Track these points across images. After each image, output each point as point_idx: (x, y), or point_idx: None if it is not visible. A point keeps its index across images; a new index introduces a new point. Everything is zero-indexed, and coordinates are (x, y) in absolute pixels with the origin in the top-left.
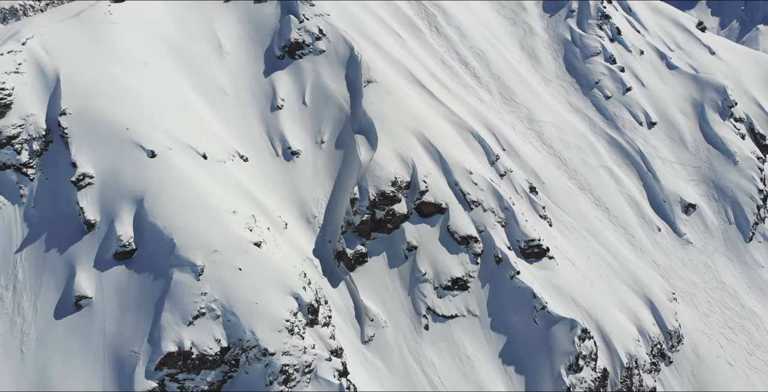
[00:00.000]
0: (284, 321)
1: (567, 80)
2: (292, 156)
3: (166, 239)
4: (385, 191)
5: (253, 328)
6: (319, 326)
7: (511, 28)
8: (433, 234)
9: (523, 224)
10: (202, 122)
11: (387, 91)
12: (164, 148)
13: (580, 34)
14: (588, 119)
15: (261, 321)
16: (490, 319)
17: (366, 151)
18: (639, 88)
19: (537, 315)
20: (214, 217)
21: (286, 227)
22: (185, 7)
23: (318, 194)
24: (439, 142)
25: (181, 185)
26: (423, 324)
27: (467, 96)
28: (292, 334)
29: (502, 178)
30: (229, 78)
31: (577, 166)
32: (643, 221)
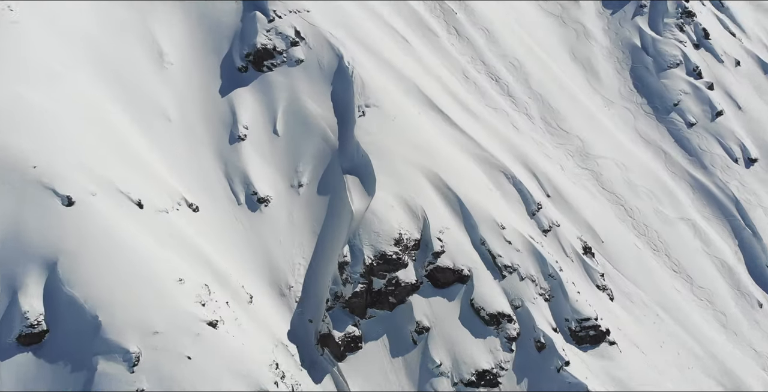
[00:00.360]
0: None
1: (635, 101)
2: (260, 204)
3: (88, 316)
4: (385, 252)
5: None
6: None
7: (559, 30)
8: (451, 311)
9: (575, 298)
10: (137, 157)
11: (388, 115)
12: (85, 193)
13: (653, 37)
14: (663, 155)
15: None
16: None
17: (360, 197)
18: (734, 112)
19: None
20: (154, 287)
21: (252, 302)
22: (114, 4)
23: (295, 257)
24: (459, 185)
25: (109, 243)
26: None
27: (498, 122)
28: None
29: (546, 235)
30: (173, 98)
31: (648, 218)
32: (739, 294)
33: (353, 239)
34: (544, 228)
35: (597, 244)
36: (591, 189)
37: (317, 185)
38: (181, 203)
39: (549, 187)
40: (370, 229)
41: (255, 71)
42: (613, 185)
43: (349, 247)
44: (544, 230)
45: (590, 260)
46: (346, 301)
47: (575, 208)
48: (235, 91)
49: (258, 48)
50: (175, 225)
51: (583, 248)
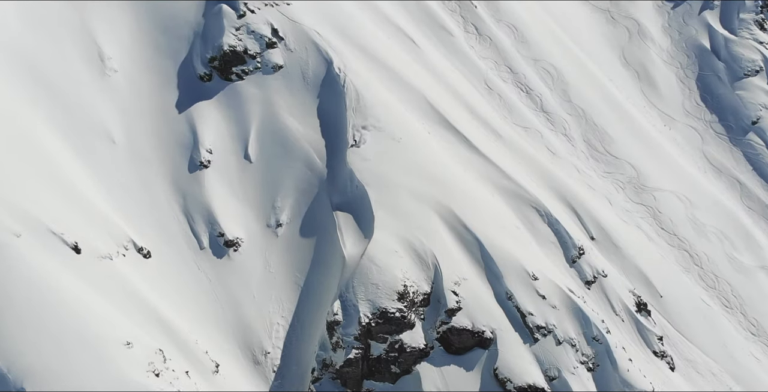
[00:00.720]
0: None
1: (703, 119)
2: (227, 249)
3: (12, 389)
4: (386, 308)
5: None
6: None
7: (607, 28)
8: (470, 383)
9: (625, 367)
10: (72, 190)
11: (391, 136)
12: (8, 234)
13: (726, 38)
14: (738, 186)
15: None
16: None
17: (354, 240)
18: None
19: None
20: (95, 352)
21: (218, 371)
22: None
23: (272, 315)
24: (479, 224)
25: (37, 296)
26: None
27: (529, 145)
28: None
29: (590, 287)
30: (117, 114)
31: (719, 267)
32: None
33: (345, 293)
34: (587, 279)
35: (654, 299)
36: (647, 230)
37: (300, 224)
38: (128, 247)
39: (593, 227)
40: (367, 280)
41: (221, 80)
42: (674, 225)
43: (341, 302)
44: (588, 281)
45: (645, 319)
46: (337, 370)
47: (627, 254)
48: (196, 106)
49: (225, 51)
50: (121, 275)
51: (636, 305)
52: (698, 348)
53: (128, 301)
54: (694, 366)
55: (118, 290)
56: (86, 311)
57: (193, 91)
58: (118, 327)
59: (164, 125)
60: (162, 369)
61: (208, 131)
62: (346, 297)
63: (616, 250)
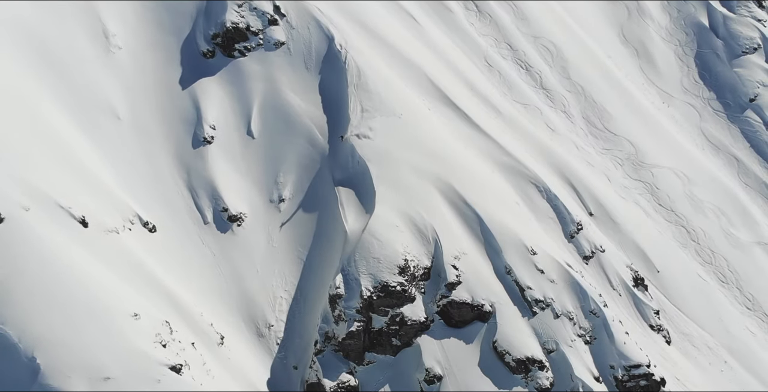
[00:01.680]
0: None
1: (701, 96)
2: (231, 224)
3: (23, 358)
4: (387, 282)
5: None
6: None
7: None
8: (469, 355)
9: (622, 340)
10: (79, 165)
11: (392, 112)
12: (17, 207)
13: (724, 15)
14: (736, 163)
15: None
16: None
17: (356, 215)
18: None
19: None
20: (103, 323)
21: (223, 343)
22: None
23: (275, 289)
24: (479, 200)
25: (47, 269)
26: None
27: (529, 122)
28: None
29: (588, 262)
30: (122, 90)
31: (715, 243)
32: None
33: (347, 267)
34: (585, 254)
35: (651, 274)
36: (644, 206)
37: (302, 199)
38: (134, 221)
39: (592, 203)
40: (369, 254)
41: (224, 57)
42: (672, 201)
43: (343, 276)
44: (585, 256)
45: (642, 294)
46: (340, 343)
47: (624, 229)
48: (199, 82)
49: (227, 27)
50: (128, 248)
51: (633, 280)
52: (694, 322)
53: (134, 274)
54: (690, 340)
55: (125, 263)
56: (94, 283)
57: (196, 67)
58: (125, 299)
59: (168, 101)
60: (169, 341)
61: (212, 107)
62: (348, 271)
63: (614, 226)
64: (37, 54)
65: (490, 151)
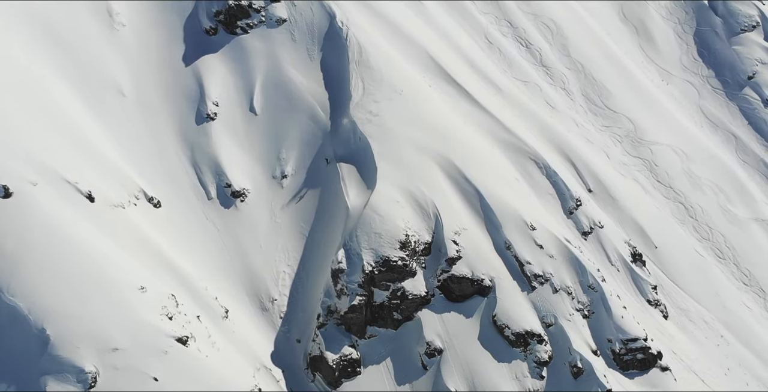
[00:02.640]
0: None
1: (700, 74)
2: (234, 199)
3: (33, 329)
4: (389, 257)
5: None
6: None
7: None
8: (469, 329)
9: (620, 314)
10: (85, 141)
11: (393, 89)
12: (24, 182)
13: None
14: (734, 140)
15: None
16: None
17: (357, 191)
18: None
19: None
20: (111, 296)
21: (227, 317)
22: None
23: (278, 263)
24: (479, 176)
25: (55, 242)
26: None
27: (529, 99)
28: None
29: (587, 238)
30: (126, 67)
31: (713, 219)
32: None
33: (349, 242)
34: (583, 230)
35: (649, 250)
36: (643, 182)
37: (305, 175)
38: (139, 196)
39: (591, 179)
40: (370, 229)
41: (226, 34)
42: (670, 178)
43: (345, 251)
44: (584, 232)
45: (640, 269)
46: (342, 317)
47: (623, 206)
48: (202, 59)
49: (230, 4)
50: (133, 223)
51: (631, 255)
52: (691, 297)
53: (140, 248)
54: (687, 315)
55: (131, 237)
56: (101, 256)
57: (199, 44)
58: (132, 273)
59: (171, 78)
60: (175, 313)
61: (214, 84)
62: (350, 246)
63: (613, 202)
64: (43, 32)
65: (490, 127)
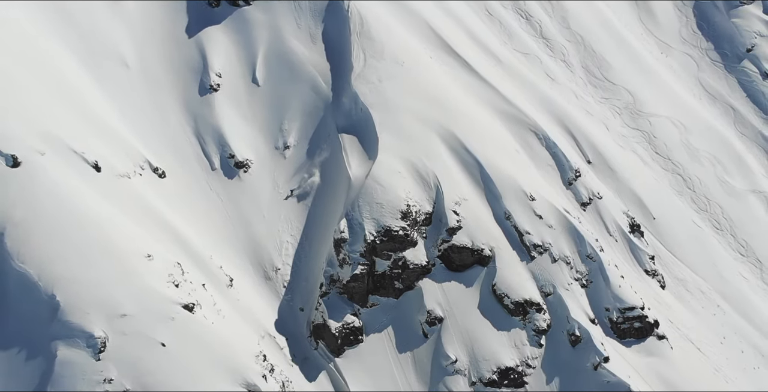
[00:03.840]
0: None
1: (698, 46)
2: (238, 170)
3: (43, 295)
4: (390, 227)
5: None
6: None
7: None
8: (469, 298)
9: (617, 283)
10: (90, 112)
11: (394, 60)
12: (33, 152)
13: None
14: (732, 112)
15: None
16: None
17: (359, 161)
18: None
19: None
20: (119, 263)
21: (232, 285)
22: None
23: (281, 233)
24: (480, 147)
25: (63, 211)
26: None
27: (529, 71)
28: None
29: (585, 208)
30: (130, 39)
31: (711, 190)
32: None
33: (351, 212)
34: (582, 201)
35: (647, 221)
36: (642, 154)
37: (307, 146)
38: (144, 166)
39: (590, 151)
40: (372, 199)
41: (229, 5)
42: (668, 150)
43: (347, 221)
44: (583, 203)
45: (638, 239)
46: (344, 286)
47: (622, 177)
48: (205, 31)
49: None
50: (139, 193)
51: (630, 226)
52: (688, 267)
53: (146, 217)
54: (684, 285)
55: (137, 207)
56: (109, 225)
57: (202, 16)
58: (138, 241)
59: (175, 50)
60: (181, 281)
61: (217, 55)
62: (352, 216)
63: (612, 173)
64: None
65: (490, 99)
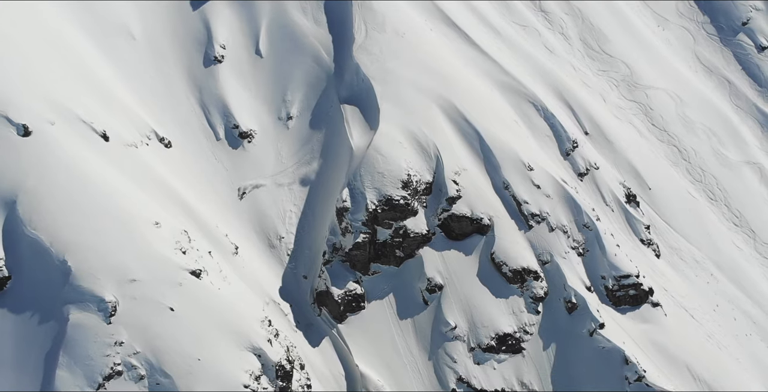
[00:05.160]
0: (242, 386)
1: (695, 20)
2: (242, 140)
3: (55, 261)
4: (391, 196)
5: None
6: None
7: None
8: (468, 266)
9: (613, 252)
10: (98, 82)
11: (395, 32)
12: (43, 121)
13: None
14: (727, 85)
15: (207, 386)
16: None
17: (361, 131)
18: None
19: (630, 390)
20: (128, 230)
21: (237, 253)
22: None
23: (285, 202)
24: (479, 118)
25: (73, 179)
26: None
27: (527, 43)
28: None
29: (583, 179)
30: (135, 11)
31: (706, 162)
32: None
33: (353, 181)
34: (579, 171)
35: (643, 191)
36: (638, 126)
37: (310, 116)
38: (150, 136)
39: (587, 122)
40: (374, 169)
41: None
42: (665, 122)
43: (349, 190)
44: (580, 173)
45: (634, 209)
46: (346, 254)
47: (618, 148)
48: (210, 3)
49: None
50: (146, 162)
51: (626, 196)
52: (683, 237)
53: (154, 186)
54: (678, 254)
55: (145, 176)
56: (118, 193)
57: None
58: (146, 209)
59: (180, 22)
60: (188, 248)
61: (221, 27)
62: (354, 185)
63: (608, 144)
64: None
65: (489, 70)
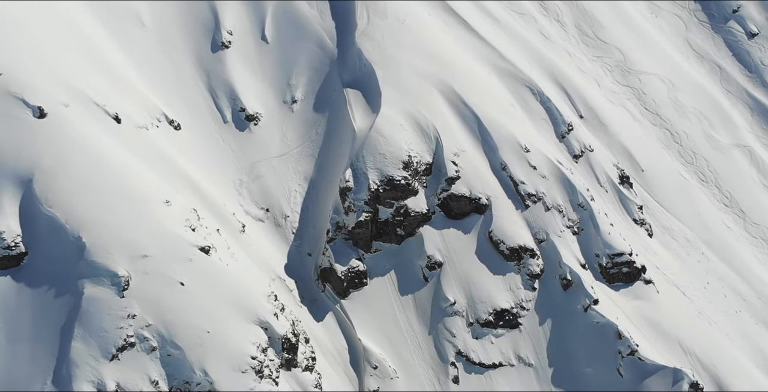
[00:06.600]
0: (249, 358)
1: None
2: (248, 123)
3: (70, 237)
4: (393, 176)
5: (204, 366)
6: (299, 370)
7: None
8: (467, 244)
9: (607, 231)
10: (109, 67)
11: (396, 19)
12: (58, 104)
13: None
14: (718, 70)
15: (216, 358)
16: (552, 370)
17: (363, 114)
18: None
19: (623, 364)
20: (139, 208)
21: (244, 231)
22: None
23: (290, 182)
24: (477, 101)
25: (87, 159)
26: (451, 375)
27: (524, 30)
28: (261, 377)
29: (577, 160)
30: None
31: (697, 144)
32: None
33: (356, 162)
34: (574, 153)
35: (636, 173)
36: (631, 110)
37: (313, 100)
38: (160, 119)
39: (582, 106)
40: (375, 150)
41: None
42: (657, 106)
43: (352, 171)
44: (575, 155)
45: (627, 190)
46: (349, 232)
47: (612, 131)
48: None
49: None
50: (156, 144)
51: (619, 177)
52: (675, 217)
53: (164, 166)
54: (670, 233)
55: (155, 156)
56: (130, 173)
57: None
58: (157, 188)
59: (188, 9)
60: (197, 225)
61: (229, 13)
62: (357, 166)
63: (603, 127)
64: None
65: (487, 56)
